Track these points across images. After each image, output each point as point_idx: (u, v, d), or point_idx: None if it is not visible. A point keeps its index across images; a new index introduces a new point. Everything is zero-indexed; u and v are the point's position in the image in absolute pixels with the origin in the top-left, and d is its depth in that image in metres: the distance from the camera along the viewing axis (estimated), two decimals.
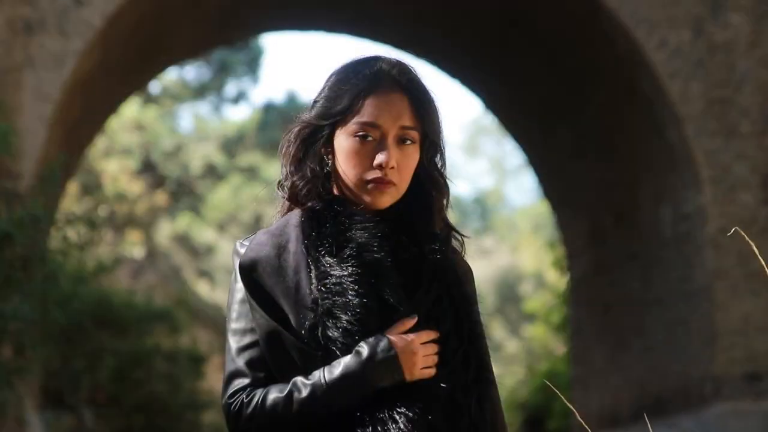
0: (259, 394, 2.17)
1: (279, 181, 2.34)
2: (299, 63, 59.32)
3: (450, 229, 2.35)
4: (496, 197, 38.28)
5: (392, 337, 2.16)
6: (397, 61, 2.32)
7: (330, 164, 2.28)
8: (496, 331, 28.61)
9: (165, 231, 22.54)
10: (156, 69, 11.16)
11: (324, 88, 2.32)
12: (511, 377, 20.77)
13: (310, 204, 2.26)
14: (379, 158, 2.24)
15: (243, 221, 23.97)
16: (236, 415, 2.18)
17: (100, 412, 11.85)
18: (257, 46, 25.89)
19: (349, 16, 10.52)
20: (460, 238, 2.37)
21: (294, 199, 2.29)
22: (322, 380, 2.13)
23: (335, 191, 2.29)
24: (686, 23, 8.44)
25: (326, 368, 2.14)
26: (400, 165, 2.25)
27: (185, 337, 13.43)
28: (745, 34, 8.47)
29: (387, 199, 2.25)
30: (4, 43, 7.81)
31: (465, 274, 2.33)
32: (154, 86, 23.54)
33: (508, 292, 29.36)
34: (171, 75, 24.23)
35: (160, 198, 21.88)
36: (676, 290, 8.85)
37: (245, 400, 2.18)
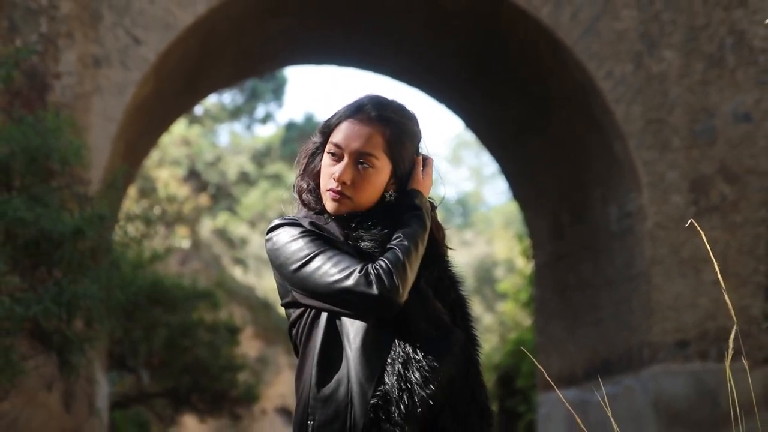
0: (378, 260, 2.09)
1: (293, 185, 2.32)
2: (315, 90, 59.32)
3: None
4: (475, 198, 38.30)
5: (419, 187, 2.23)
6: (381, 100, 2.26)
7: None
8: (474, 307, 28.53)
9: (207, 226, 22.53)
10: (199, 95, 11.17)
11: (329, 117, 2.30)
12: (487, 344, 20.76)
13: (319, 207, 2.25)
14: (334, 171, 2.21)
15: (270, 218, 23.95)
16: (377, 281, 2.05)
17: (155, 373, 11.87)
18: (282, 76, 25.90)
19: (356, 52, 10.54)
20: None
21: (305, 204, 2.28)
22: (402, 232, 2.14)
23: None
24: (628, 58, 8.45)
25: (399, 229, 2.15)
26: (356, 183, 2.19)
27: (223, 312, 13.43)
28: (676, 67, 8.47)
29: (340, 208, 2.20)
30: (77, 75, 7.82)
31: (451, 260, 2.34)
32: (198, 109, 23.55)
33: (485, 276, 29.32)
34: (212, 100, 24.25)
35: (203, 199, 21.88)
36: (621, 274, 8.85)
37: (370, 269, 2.07)
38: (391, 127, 2.23)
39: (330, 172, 2.21)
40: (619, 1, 8.46)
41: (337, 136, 2.23)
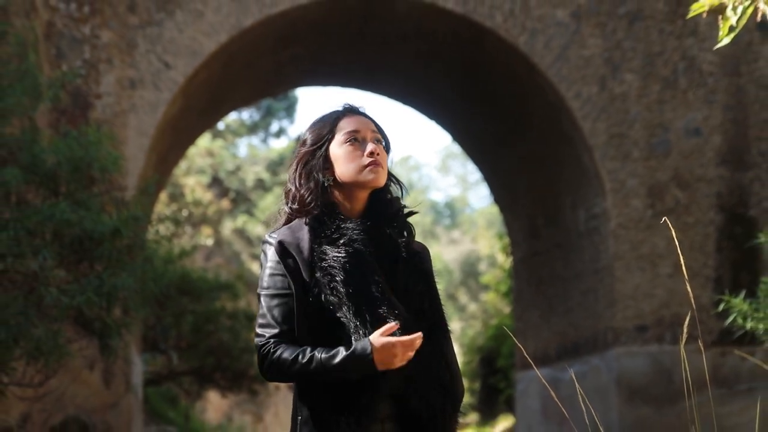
0: (280, 350, 2.11)
1: (287, 201, 2.30)
2: (323, 108, 59.30)
3: (406, 215, 2.30)
4: (461, 202, 38.30)
5: (374, 341, 2.06)
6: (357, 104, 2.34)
7: (331, 179, 2.24)
8: (461, 296, 28.55)
9: (228, 227, 22.52)
10: (222, 113, 11.18)
11: (308, 129, 2.31)
12: (472, 329, 20.78)
13: (315, 212, 2.22)
14: (369, 148, 2.23)
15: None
16: (262, 358, 2.13)
17: (183, 354, 11.87)
18: (293, 96, 25.88)
19: (357, 75, 10.55)
20: (412, 225, 2.32)
21: (302, 209, 2.25)
22: (319, 356, 2.07)
23: (337, 199, 2.24)
24: (594, 80, 8.47)
25: (326, 351, 2.08)
26: (382, 156, 2.24)
27: (242, 301, 13.42)
28: (636, 88, 8.49)
29: (381, 178, 2.22)
30: (115, 95, 7.84)
31: (423, 254, 2.29)
32: (220, 125, 23.54)
33: (470, 269, 29.31)
34: (232, 117, 24.23)
35: (225, 203, 21.86)
36: (588, 268, 8.87)
37: (271, 351, 2.12)
38: (372, 118, 2.31)
39: (358, 153, 2.23)
40: (586, 31, 8.49)
41: (350, 125, 2.26)
